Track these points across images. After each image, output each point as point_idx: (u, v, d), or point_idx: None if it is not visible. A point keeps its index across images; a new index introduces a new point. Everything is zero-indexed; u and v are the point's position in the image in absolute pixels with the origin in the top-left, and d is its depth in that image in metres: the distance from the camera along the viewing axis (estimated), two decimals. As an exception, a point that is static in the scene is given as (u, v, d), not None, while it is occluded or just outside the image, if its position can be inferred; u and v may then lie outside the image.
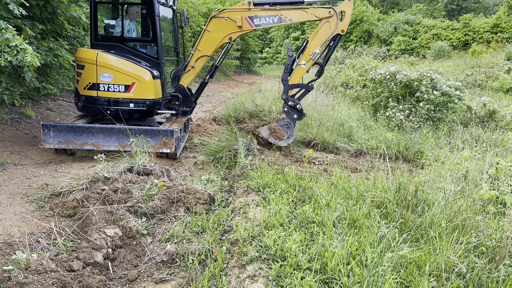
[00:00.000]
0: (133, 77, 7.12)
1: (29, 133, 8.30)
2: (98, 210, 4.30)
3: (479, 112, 10.32)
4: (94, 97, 7.20)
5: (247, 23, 7.32)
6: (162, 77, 7.65)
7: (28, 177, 5.88)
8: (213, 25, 7.47)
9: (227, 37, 7.49)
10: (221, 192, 5.44)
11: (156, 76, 7.44)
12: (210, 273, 3.38)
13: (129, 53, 7.52)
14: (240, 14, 7.30)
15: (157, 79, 7.50)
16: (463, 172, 5.11)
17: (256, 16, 7.27)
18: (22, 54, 5.75)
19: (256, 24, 7.31)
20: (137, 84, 7.14)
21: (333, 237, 3.68)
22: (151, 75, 7.24)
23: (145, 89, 7.21)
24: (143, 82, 7.15)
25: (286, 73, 7.36)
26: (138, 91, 7.19)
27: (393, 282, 3.01)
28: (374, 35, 43.11)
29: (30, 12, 7.20)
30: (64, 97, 11.84)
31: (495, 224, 3.90)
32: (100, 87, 7.15)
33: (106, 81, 7.12)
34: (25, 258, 3.35)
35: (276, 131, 7.40)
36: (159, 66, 7.60)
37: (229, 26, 7.38)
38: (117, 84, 7.15)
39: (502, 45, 31.99)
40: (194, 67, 7.74)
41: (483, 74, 19.61)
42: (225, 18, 7.34)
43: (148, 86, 7.22)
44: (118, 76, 7.11)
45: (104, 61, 7.10)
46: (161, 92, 7.67)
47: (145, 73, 7.19)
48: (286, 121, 7.40)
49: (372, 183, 4.90)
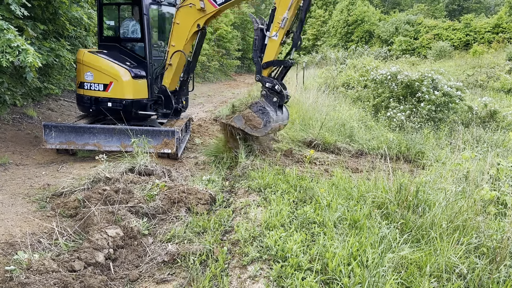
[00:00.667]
0: (111, 76, 7.15)
1: (31, 133, 8.32)
2: (99, 210, 4.32)
3: (480, 113, 10.31)
4: (81, 95, 7.38)
5: (209, 4, 6.83)
6: (149, 77, 7.51)
7: (29, 177, 5.90)
8: (180, 16, 7.09)
9: (194, 25, 7.05)
10: (222, 192, 5.45)
11: (139, 76, 7.33)
12: (211, 274, 3.39)
13: (124, 53, 7.59)
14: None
15: (140, 79, 7.38)
16: (464, 172, 5.11)
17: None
18: (24, 54, 5.77)
19: (219, 3, 6.80)
20: (114, 83, 7.14)
21: (334, 237, 3.68)
22: (130, 75, 7.19)
23: (122, 88, 7.17)
24: (119, 82, 7.14)
25: (256, 49, 6.48)
26: (116, 90, 7.19)
27: (394, 283, 3.01)
28: (375, 35, 43.09)
29: (31, 12, 7.22)
30: (65, 97, 11.87)
31: (496, 225, 3.90)
32: (85, 86, 7.31)
33: (89, 79, 7.28)
34: (26, 258, 3.36)
35: (250, 118, 6.28)
36: (146, 66, 7.49)
37: (194, 12, 6.93)
38: (97, 83, 7.25)
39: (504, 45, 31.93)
40: (171, 64, 7.43)
41: (484, 74, 19.59)
42: (189, 5, 6.92)
43: (125, 86, 7.18)
44: (98, 75, 7.21)
45: (88, 60, 7.25)
46: (145, 93, 7.52)
47: (123, 73, 7.15)
48: (259, 106, 6.32)
49: (373, 183, 4.90)
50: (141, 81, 7.41)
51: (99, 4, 7.57)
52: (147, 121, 7.88)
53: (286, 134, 8.73)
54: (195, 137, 8.74)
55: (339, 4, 48.31)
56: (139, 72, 7.36)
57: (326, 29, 48.13)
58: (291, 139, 8.47)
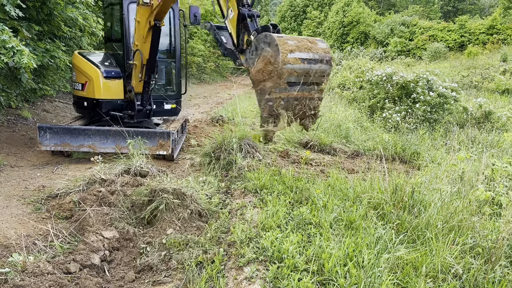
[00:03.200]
0: (86, 76, 7.30)
1: (26, 134, 8.28)
2: (95, 212, 4.30)
3: (475, 113, 10.37)
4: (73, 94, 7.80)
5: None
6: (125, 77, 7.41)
7: (24, 179, 5.86)
8: (138, 14, 6.71)
9: (146, 22, 6.66)
10: (218, 193, 5.44)
11: (113, 76, 7.30)
12: (207, 275, 3.38)
13: (111, 54, 7.71)
14: None
15: (115, 79, 7.34)
16: (459, 173, 5.13)
17: None
18: (19, 55, 5.75)
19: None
20: (88, 83, 7.25)
21: (330, 238, 3.68)
22: (102, 75, 7.22)
23: (94, 88, 7.26)
24: (92, 81, 7.23)
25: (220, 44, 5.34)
26: (89, 90, 7.32)
27: (390, 283, 3.01)
28: (370, 36, 43.26)
29: (26, 13, 7.19)
30: (60, 99, 11.82)
31: (491, 225, 3.92)
32: (74, 86, 7.72)
33: (74, 79, 7.67)
34: (21, 261, 3.34)
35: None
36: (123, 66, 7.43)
37: (145, 9, 6.55)
38: (78, 82, 7.53)
39: (498, 46, 32.17)
40: (136, 64, 7.09)
41: (479, 75, 19.71)
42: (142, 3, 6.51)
43: (97, 85, 7.23)
44: (78, 75, 7.50)
45: (74, 61, 7.62)
46: (120, 93, 7.44)
47: (96, 72, 7.21)
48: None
49: (368, 184, 4.91)
50: (115, 81, 7.36)
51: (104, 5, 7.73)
52: (143, 122, 7.85)
53: (282, 135, 8.73)
54: (191, 138, 8.72)
55: (334, 5, 48.49)
56: (112, 73, 7.33)
57: (321, 30, 48.26)
58: (287, 140, 8.47)
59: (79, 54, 7.53)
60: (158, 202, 4.47)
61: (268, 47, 4.41)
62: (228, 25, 5.04)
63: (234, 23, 4.98)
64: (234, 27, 4.97)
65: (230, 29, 5.03)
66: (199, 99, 17.00)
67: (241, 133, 6.86)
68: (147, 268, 3.61)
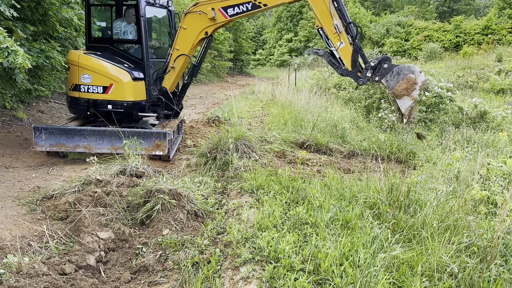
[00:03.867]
0: (111, 78, 7.09)
1: (21, 135, 8.24)
2: (90, 213, 4.28)
3: (470, 113, 10.40)
4: (77, 97, 7.23)
5: (220, 15, 7.03)
6: (146, 79, 7.52)
7: (19, 180, 5.84)
8: (187, 21, 7.22)
9: (202, 32, 7.22)
10: (214, 194, 5.44)
11: (138, 78, 7.33)
12: (203, 275, 3.38)
13: (118, 55, 7.50)
14: (213, 5, 6.99)
15: (139, 81, 7.38)
16: (455, 172, 5.15)
17: (229, 5, 6.95)
18: (13, 56, 5.72)
19: (230, 15, 7.02)
20: (115, 85, 7.11)
21: (326, 238, 3.69)
22: (130, 77, 7.17)
23: (122, 90, 7.14)
24: (120, 84, 7.10)
25: (338, 67, 6.87)
26: (117, 92, 7.14)
27: (386, 283, 3.02)
28: (366, 37, 43.35)
29: (21, 13, 7.16)
30: (56, 99, 11.78)
31: (486, 224, 3.93)
32: (81, 88, 7.18)
33: (86, 82, 7.17)
34: (16, 262, 3.33)
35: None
36: (144, 68, 7.49)
37: (203, 20, 7.09)
38: (95, 85, 7.16)
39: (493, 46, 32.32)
40: (174, 67, 7.54)
41: (474, 75, 19.79)
42: (199, 12, 7.07)
43: (126, 88, 7.15)
44: (96, 77, 7.13)
45: (84, 62, 7.12)
46: (144, 95, 7.52)
47: (123, 75, 7.13)
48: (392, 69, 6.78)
49: (364, 184, 4.92)
50: (140, 83, 7.42)
51: (86, 5, 7.48)
52: (139, 122, 7.83)
53: (278, 135, 8.74)
54: (187, 138, 8.71)
55: (330, 6, 48.46)
56: (139, 75, 7.36)
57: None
58: (283, 140, 8.47)
59: (91, 55, 7.22)
60: (154, 203, 4.47)
61: (412, 74, 6.54)
62: (339, 53, 6.76)
63: (344, 51, 6.70)
64: (347, 55, 6.71)
65: (341, 55, 6.76)
66: (195, 100, 16.98)
67: (238, 134, 6.86)
68: (143, 268, 3.60)
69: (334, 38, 6.66)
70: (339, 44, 6.67)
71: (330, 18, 6.64)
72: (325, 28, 6.69)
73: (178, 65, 7.52)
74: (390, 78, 6.52)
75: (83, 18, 9.25)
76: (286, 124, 9.80)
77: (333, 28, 6.61)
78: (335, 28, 6.59)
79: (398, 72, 6.51)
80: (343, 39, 6.65)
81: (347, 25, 6.75)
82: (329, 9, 6.60)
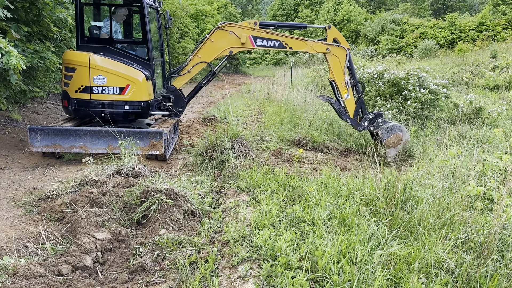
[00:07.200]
0: (127, 79, 7.09)
1: (16, 136, 8.20)
2: (86, 214, 4.27)
3: (466, 110, 10.44)
4: (87, 100, 7.10)
5: (249, 42, 7.62)
6: (153, 78, 7.65)
7: (15, 181, 5.81)
8: (216, 36, 7.68)
9: (228, 50, 7.73)
10: (211, 193, 5.43)
11: (148, 77, 7.42)
12: (201, 275, 3.37)
13: (119, 55, 7.47)
14: (246, 32, 7.58)
15: (149, 80, 7.48)
16: (451, 169, 5.16)
17: (260, 37, 7.58)
18: (7, 57, 5.67)
19: (258, 45, 7.64)
20: (131, 85, 7.12)
21: (323, 235, 3.69)
22: (144, 77, 7.22)
23: (139, 90, 7.19)
24: (137, 84, 7.13)
25: (344, 114, 7.85)
26: (134, 93, 7.18)
27: (383, 279, 3.02)
28: (361, 34, 43.45)
29: (15, 14, 7.11)
30: (51, 100, 11.72)
31: (482, 219, 3.95)
32: (94, 90, 7.07)
33: (101, 83, 7.08)
34: (13, 263, 3.31)
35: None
36: (150, 68, 7.58)
37: (232, 40, 7.64)
38: (112, 86, 7.10)
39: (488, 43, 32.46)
40: (190, 71, 7.87)
41: (469, 72, 19.86)
42: (230, 32, 7.60)
43: (142, 88, 7.22)
44: (111, 79, 7.07)
45: (98, 63, 7.04)
46: (153, 93, 7.67)
47: (139, 75, 7.18)
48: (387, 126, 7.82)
49: (361, 181, 4.93)
50: (149, 82, 7.52)
51: (77, 3, 7.39)
52: (135, 122, 7.81)
53: (274, 134, 8.74)
54: (184, 138, 8.69)
55: (325, 4, 48.61)
56: (148, 74, 7.44)
57: (312, 29, 48.36)
58: (279, 138, 8.48)
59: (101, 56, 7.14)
60: (150, 203, 4.45)
61: (400, 132, 7.72)
62: (345, 103, 7.81)
63: (349, 103, 7.81)
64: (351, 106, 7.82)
65: (346, 105, 7.82)
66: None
67: (234, 132, 6.85)
68: (140, 268, 3.59)
69: (343, 91, 7.75)
70: (346, 96, 7.76)
71: (342, 74, 7.69)
72: (337, 81, 7.72)
73: (195, 70, 7.94)
74: (384, 132, 7.66)
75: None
76: (282, 122, 9.80)
77: (343, 83, 7.71)
78: (345, 83, 7.70)
79: (391, 128, 7.68)
80: (350, 93, 7.78)
81: (355, 83, 7.89)
82: (343, 68, 7.66)
